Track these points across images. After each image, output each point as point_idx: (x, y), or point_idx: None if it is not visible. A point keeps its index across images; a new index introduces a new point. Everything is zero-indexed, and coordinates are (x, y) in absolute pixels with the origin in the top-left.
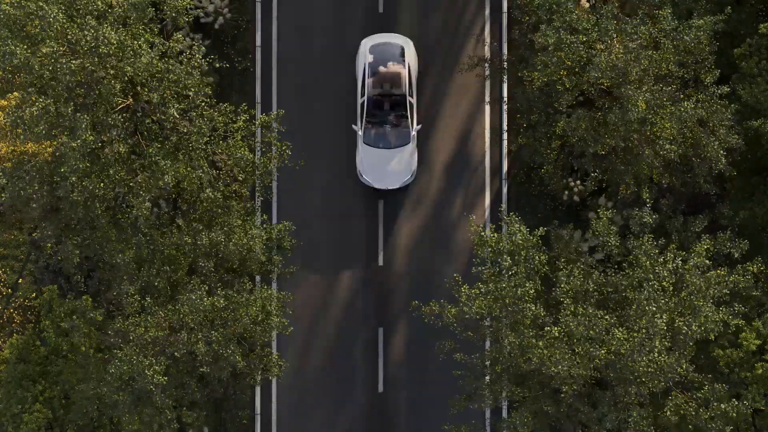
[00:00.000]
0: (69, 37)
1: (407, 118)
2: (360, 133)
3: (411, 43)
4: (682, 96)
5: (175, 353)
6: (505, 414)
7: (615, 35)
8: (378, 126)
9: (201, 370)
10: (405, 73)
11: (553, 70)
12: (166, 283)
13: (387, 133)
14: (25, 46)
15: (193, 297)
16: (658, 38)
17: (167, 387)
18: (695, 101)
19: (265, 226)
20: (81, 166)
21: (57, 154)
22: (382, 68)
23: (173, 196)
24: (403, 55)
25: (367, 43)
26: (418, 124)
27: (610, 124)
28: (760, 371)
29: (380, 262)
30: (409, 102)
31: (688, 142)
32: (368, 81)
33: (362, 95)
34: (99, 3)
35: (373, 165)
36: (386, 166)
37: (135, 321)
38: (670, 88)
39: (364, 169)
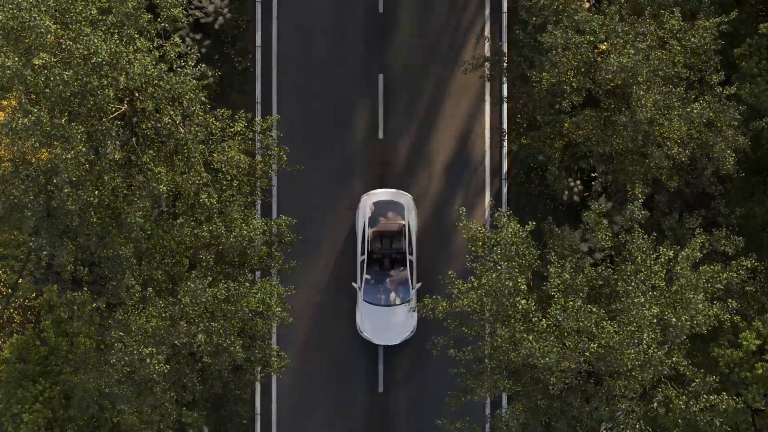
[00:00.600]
0: (63, 46)
1: (407, 276)
2: (360, 290)
3: (411, 200)
4: (692, 96)
5: (176, 342)
6: (504, 405)
7: (623, 36)
8: (378, 284)
9: (202, 360)
10: (405, 231)
11: (560, 71)
12: (166, 276)
13: (387, 290)
14: (17, 57)
15: (192, 286)
16: (666, 39)
17: (168, 378)
18: (703, 102)
19: (265, 220)
20: (74, 177)
21: (49, 166)
22: (382, 226)
23: (172, 198)
24: (402, 212)
25: (366, 201)
26: (418, 282)
27: (619, 125)
28: (760, 371)
29: None
30: (409, 260)
31: (696, 143)
32: (368, 238)
33: (362, 253)
34: (93, 10)
35: (373, 322)
36: (386, 323)
37: (136, 311)
38: (678, 89)
39: (364, 326)
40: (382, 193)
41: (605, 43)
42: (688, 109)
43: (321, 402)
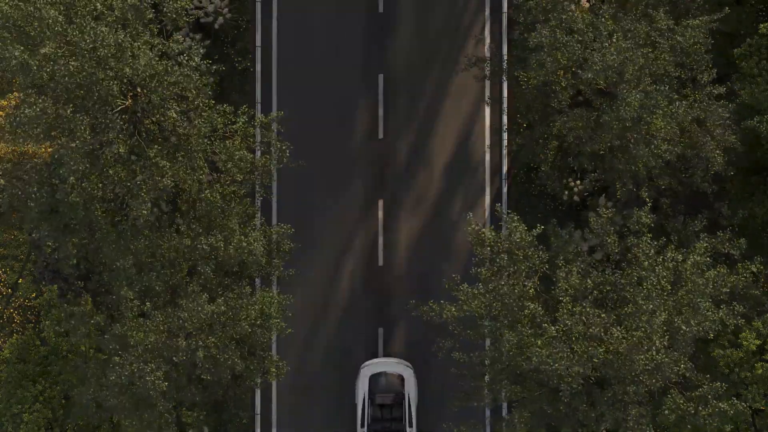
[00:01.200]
0: (68, 38)
1: None
2: None
3: (411, 370)
4: (676, 96)
5: (174, 358)
6: (504, 413)
7: (609, 35)
8: None
9: (201, 377)
10: (405, 403)
11: (549, 70)
12: (165, 287)
13: None
14: (23, 48)
15: (192, 306)
16: (654, 37)
17: (167, 395)
18: (692, 101)
19: (263, 227)
20: (80, 167)
21: (56, 156)
22: (381, 398)
23: (172, 196)
24: (402, 384)
25: (366, 372)
26: None
27: (604, 124)
28: (760, 371)
29: (380, 262)
30: None
31: (685, 141)
32: (368, 410)
33: (362, 425)
34: (97, 4)
35: None
36: None
37: (134, 325)
38: (664, 87)
39: None
40: (382, 364)
41: (597, 43)
42: (672, 108)
43: (321, 402)
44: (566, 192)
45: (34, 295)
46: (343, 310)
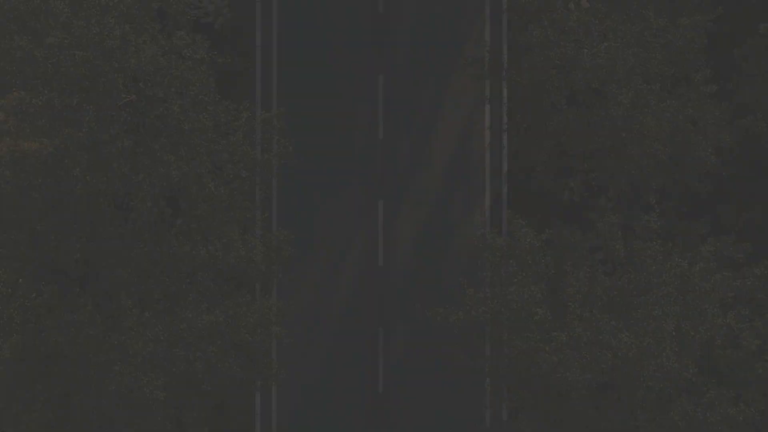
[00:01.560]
0: (73, 30)
1: None
2: None
3: None
4: (667, 95)
5: (173, 369)
6: (505, 417)
7: (601, 35)
8: None
9: (201, 387)
10: None
11: (541, 70)
12: (164, 293)
13: None
14: (29, 38)
15: (190, 316)
16: (647, 37)
17: (167, 405)
18: (686, 100)
19: (263, 234)
20: (85, 158)
21: (61, 147)
22: None
23: (174, 194)
24: None
25: None
26: None
27: (594, 123)
28: (760, 371)
29: (380, 262)
30: None
31: (678, 141)
32: None
33: None
34: None
35: None
36: None
37: (133, 335)
38: (656, 86)
39: None
40: None
41: (588, 41)
42: (663, 106)
43: (321, 403)
44: (566, 192)
45: (34, 295)
46: (343, 310)
